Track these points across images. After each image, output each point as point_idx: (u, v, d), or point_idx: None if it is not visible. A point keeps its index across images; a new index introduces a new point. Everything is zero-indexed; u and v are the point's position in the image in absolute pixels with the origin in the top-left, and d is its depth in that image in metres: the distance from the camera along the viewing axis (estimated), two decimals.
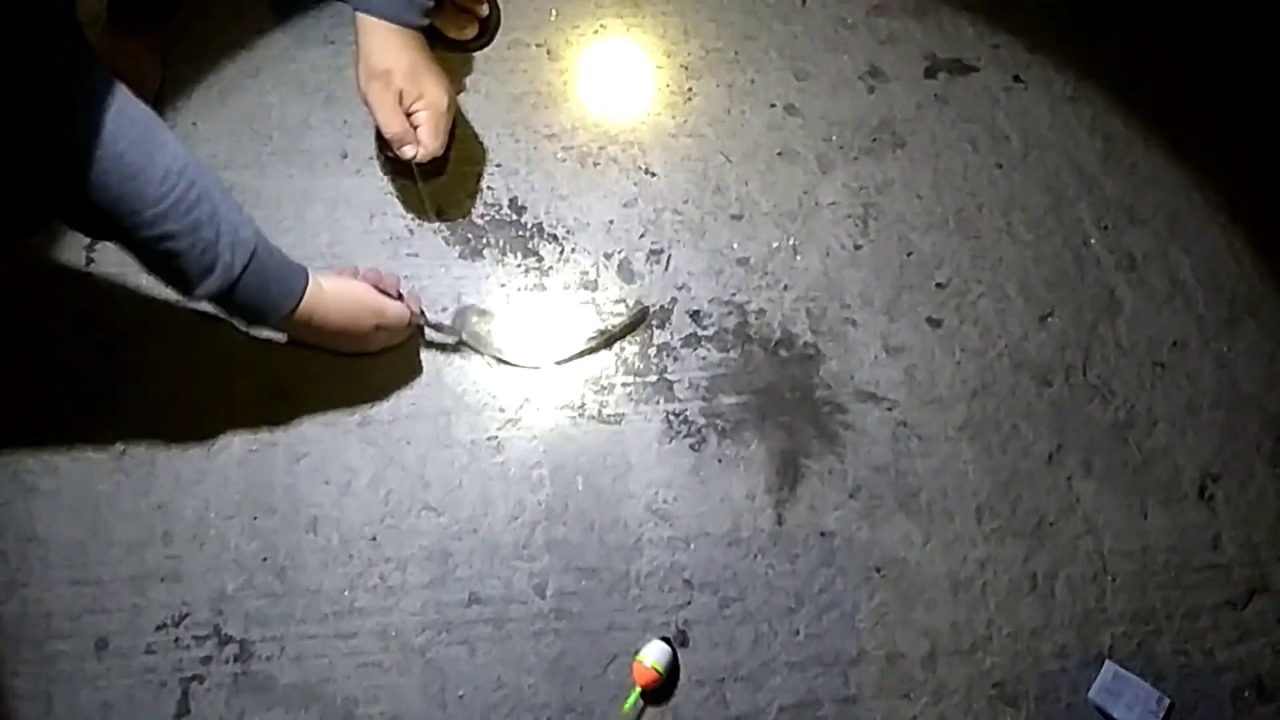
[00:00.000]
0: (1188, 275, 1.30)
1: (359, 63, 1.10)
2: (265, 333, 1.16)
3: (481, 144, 1.31)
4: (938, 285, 1.28)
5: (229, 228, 0.90)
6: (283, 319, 1.01)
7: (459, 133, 1.29)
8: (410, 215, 1.25)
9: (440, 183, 1.27)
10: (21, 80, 0.74)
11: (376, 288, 1.11)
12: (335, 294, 1.06)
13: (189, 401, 1.14)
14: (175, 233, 0.86)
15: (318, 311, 1.03)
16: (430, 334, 1.18)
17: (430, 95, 1.12)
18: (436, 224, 1.25)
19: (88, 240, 1.20)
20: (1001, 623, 1.12)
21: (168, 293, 1.17)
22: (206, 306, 0.99)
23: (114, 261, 1.20)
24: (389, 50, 1.09)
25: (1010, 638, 1.11)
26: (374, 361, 1.16)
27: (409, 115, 1.12)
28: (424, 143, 1.13)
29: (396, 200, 1.26)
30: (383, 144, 1.19)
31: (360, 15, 1.08)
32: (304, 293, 1.01)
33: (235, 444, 1.13)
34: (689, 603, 1.10)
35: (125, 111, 0.83)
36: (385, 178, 1.27)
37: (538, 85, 1.35)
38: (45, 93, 0.77)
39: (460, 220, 1.26)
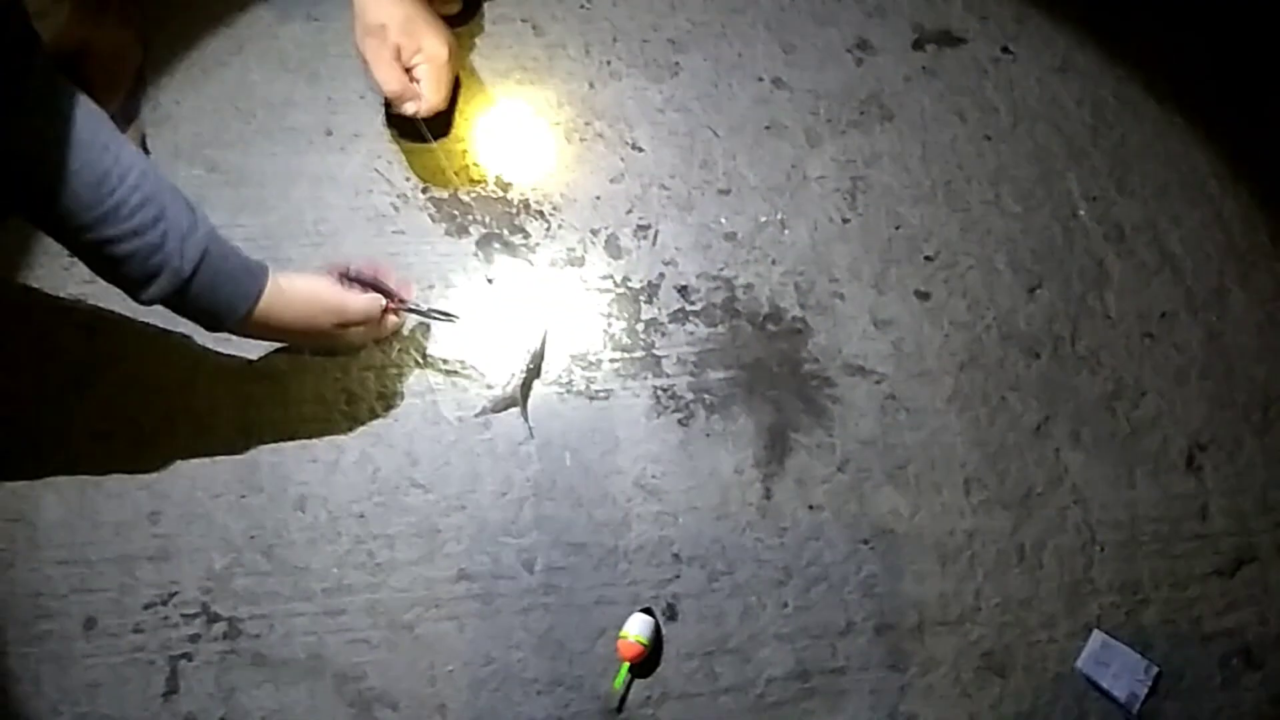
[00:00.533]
0: (1176, 246, 1.30)
1: (354, 20, 1.09)
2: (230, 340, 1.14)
3: (466, 119, 1.30)
4: (926, 258, 1.27)
5: (177, 232, 0.86)
6: (238, 322, 0.95)
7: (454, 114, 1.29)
8: (396, 193, 1.24)
9: (424, 156, 1.26)
10: None
11: (362, 281, 1.06)
12: (294, 293, 0.99)
13: (174, 381, 1.14)
14: (116, 237, 0.82)
15: (274, 313, 0.97)
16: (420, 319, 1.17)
17: (429, 48, 1.10)
18: (422, 201, 1.24)
19: None
20: (989, 593, 1.12)
21: None
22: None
23: None
24: (383, 4, 1.08)
25: (998, 608, 1.12)
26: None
27: (409, 70, 1.11)
28: (426, 97, 1.12)
29: (381, 177, 1.25)
30: (388, 102, 1.17)
31: None
32: (259, 295, 0.95)
33: (222, 423, 1.13)
34: (677, 576, 1.10)
35: (63, 111, 0.80)
36: (371, 151, 1.26)
37: (523, 61, 1.34)
38: None
39: (446, 196, 1.25)
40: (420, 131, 1.18)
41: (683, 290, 1.24)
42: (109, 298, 1.16)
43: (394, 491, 1.12)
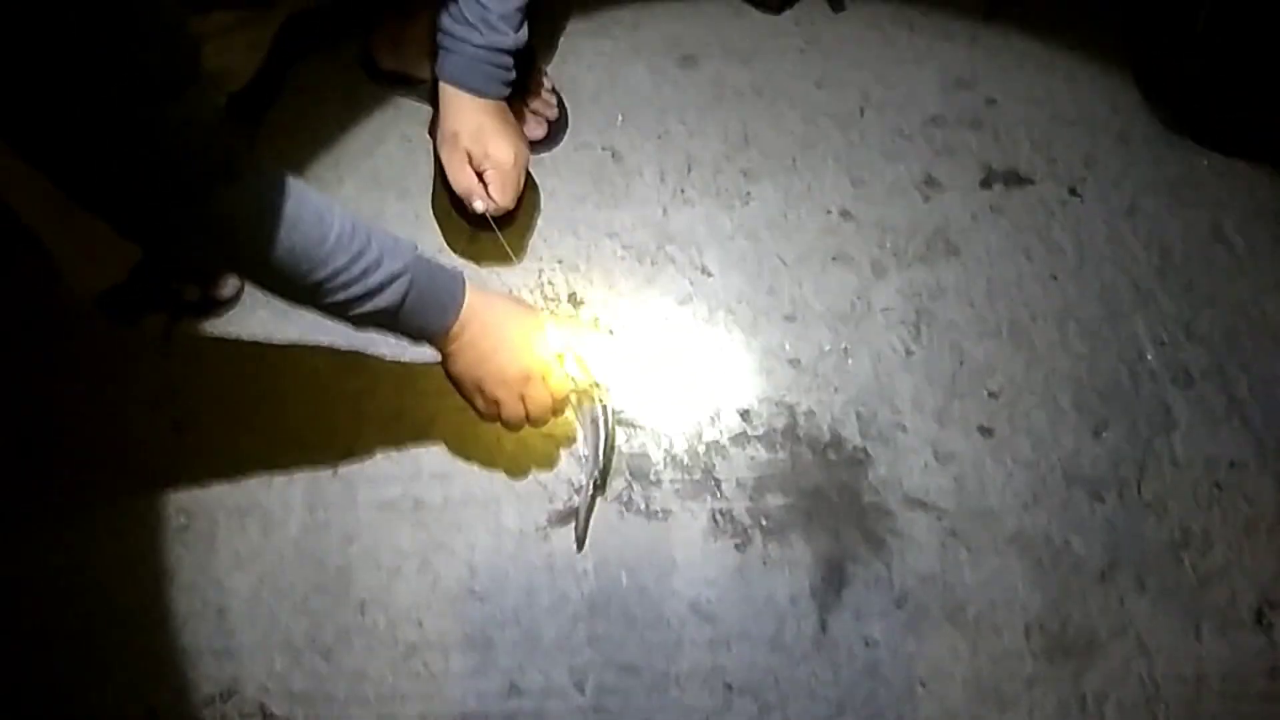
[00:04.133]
0: (1245, 394, 1.29)
1: (439, 126, 1.20)
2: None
3: (544, 239, 1.36)
4: (990, 394, 1.28)
5: (382, 253, 0.93)
6: (445, 331, 1.02)
7: (531, 222, 1.36)
8: None
9: (505, 272, 1.32)
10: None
11: None
12: (497, 300, 1.08)
13: (249, 480, 1.18)
14: (334, 274, 0.89)
15: (479, 319, 1.03)
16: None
17: (495, 154, 1.18)
18: None
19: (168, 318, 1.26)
20: None
21: (238, 372, 1.23)
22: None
23: (189, 340, 1.25)
24: (459, 114, 1.18)
25: None
26: (430, 446, 1.19)
27: (480, 173, 1.20)
28: (493, 197, 1.20)
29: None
30: (458, 202, 1.25)
31: (441, 83, 1.18)
32: (463, 294, 1.02)
33: (292, 523, 1.16)
34: (729, 707, 1.10)
35: (274, 181, 0.88)
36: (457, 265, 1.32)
37: (601, 186, 1.41)
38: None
39: None
40: (497, 237, 1.24)
41: (744, 414, 1.26)
42: (193, 394, 1.22)
43: (452, 601, 1.14)
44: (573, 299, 1.32)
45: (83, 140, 0.71)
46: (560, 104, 1.44)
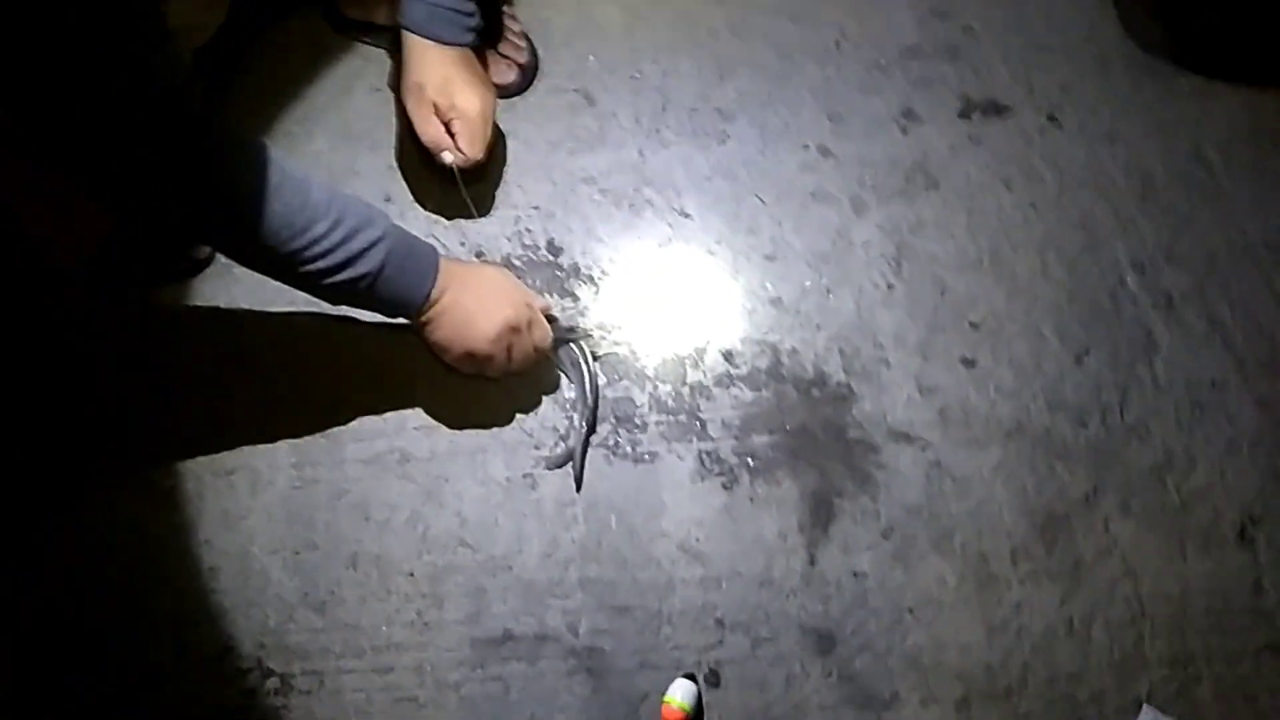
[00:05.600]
0: (1226, 315, 1.29)
1: (402, 77, 1.18)
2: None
3: (520, 187, 1.34)
4: (971, 325, 1.28)
5: (359, 226, 0.93)
6: (424, 304, 1.03)
7: (499, 174, 1.34)
8: (450, 257, 1.28)
9: (482, 221, 1.31)
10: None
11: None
12: (475, 268, 1.11)
13: (233, 441, 1.18)
14: (310, 245, 0.89)
15: (457, 289, 1.05)
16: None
17: (462, 105, 1.17)
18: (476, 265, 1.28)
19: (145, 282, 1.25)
20: (1037, 666, 1.11)
21: (219, 337, 1.22)
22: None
23: (168, 305, 1.24)
24: (424, 64, 1.17)
25: (1046, 682, 1.10)
26: (413, 400, 1.19)
27: (448, 124, 1.19)
28: (462, 149, 1.19)
29: (438, 242, 1.29)
30: (427, 155, 1.24)
31: (404, 31, 1.16)
32: (437, 269, 1.03)
33: (279, 481, 1.16)
34: (721, 642, 1.11)
35: (252, 152, 0.89)
36: (430, 217, 1.31)
37: (575, 130, 1.39)
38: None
39: (498, 260, 1.29)
40: (460, 193, 1.23)
41: (728, 355, 1.26)
42: (174, 356, 1.21)
43: (443, 551, 1.14)
44: (551, 246, 1.31)
45: (61, 104, 0.71)
46: (530, 47, 1.42)
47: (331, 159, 1.34)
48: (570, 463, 1.18)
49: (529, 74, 1.41)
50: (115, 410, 1.19)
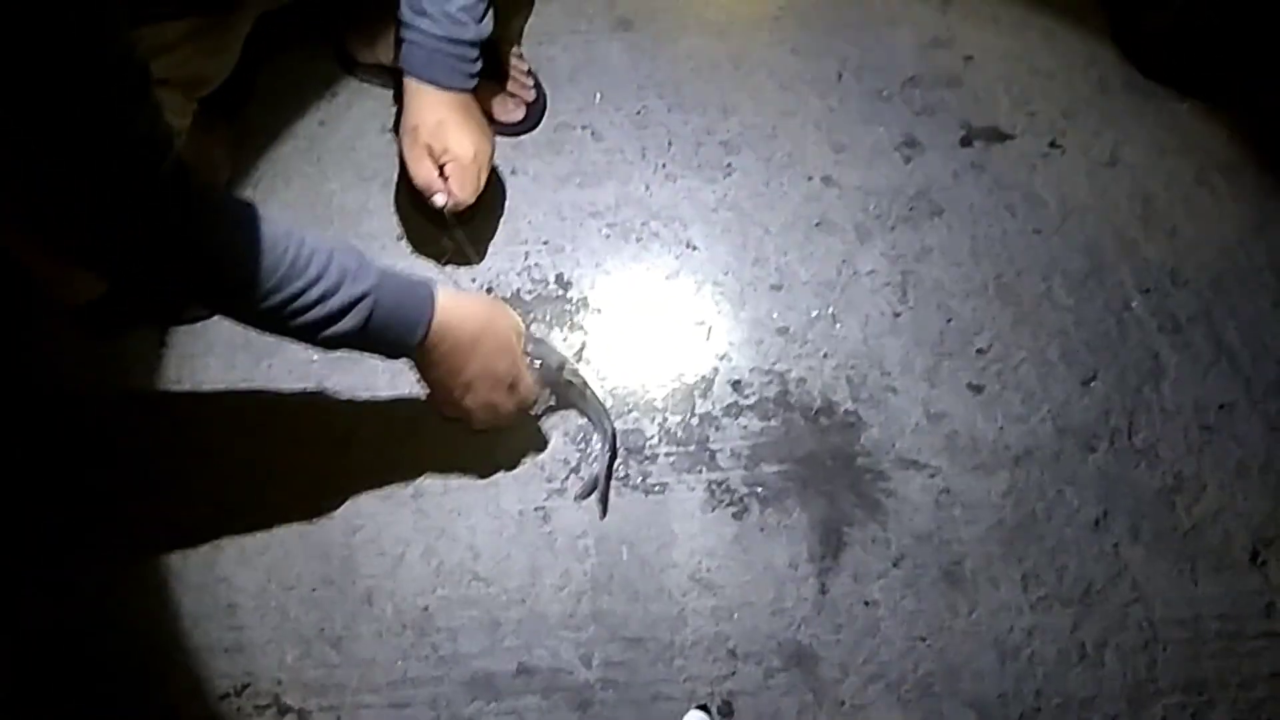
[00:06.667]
0: (1233, 337, 1.30)
1: (401, 119, 1.18)
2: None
3: (529, 223, 1.36)
4: (978, 351, 1.29)
5: (348, 270, 0.91)
6: (420, 344, 0.99)
7: (497, 218, 1.37)
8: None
9: (490, 258, 1.33)
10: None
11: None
12: (469, 300, 1.06)
13: (249, 478, 1.19)
14: (298, 293, 0.87)
15: (454, 326, 1.00)
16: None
17: (454, 149, 1.17)
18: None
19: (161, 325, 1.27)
20: (1050, 693, 1.11)
21: (233, 375, 1.25)
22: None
23: (183, 343, 1.27)
24: (420, 107, 1.16)
25: (1059, 709, 1.10)
26: (426, 434, 1.20)
27: (442, 168, 1.19)
28: (454, 192, 1.19)
29: (449, 279, 1.31)
30: (418, 194, 1.23)
31: (404, 75, 1.17)
32: (433, 306, 0.98)
33: (295, 517, 1.18)
34: (733, 673, 1.11)
35: (238, 215, 0.87)
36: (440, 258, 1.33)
37: (583, 166, 1.41)
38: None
39: (508, 297, 1.31)
40: (452, 236, 1.25)
41: (736, 384, 1.27)
42: (193, 396, 1.23)
43: (456, 585, 1.15)
44: (560, 280, 1.33)
45: (42, 170, 0.70)
46: (538, 86, 1.44)
47: (344, 199, 1.37)
48: (595, 490, 1.19)
49: (537, 112, 1.44)
50: (130, 448, 1.21)
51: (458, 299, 1.02)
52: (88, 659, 1.12)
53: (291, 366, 1.25)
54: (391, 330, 0.96)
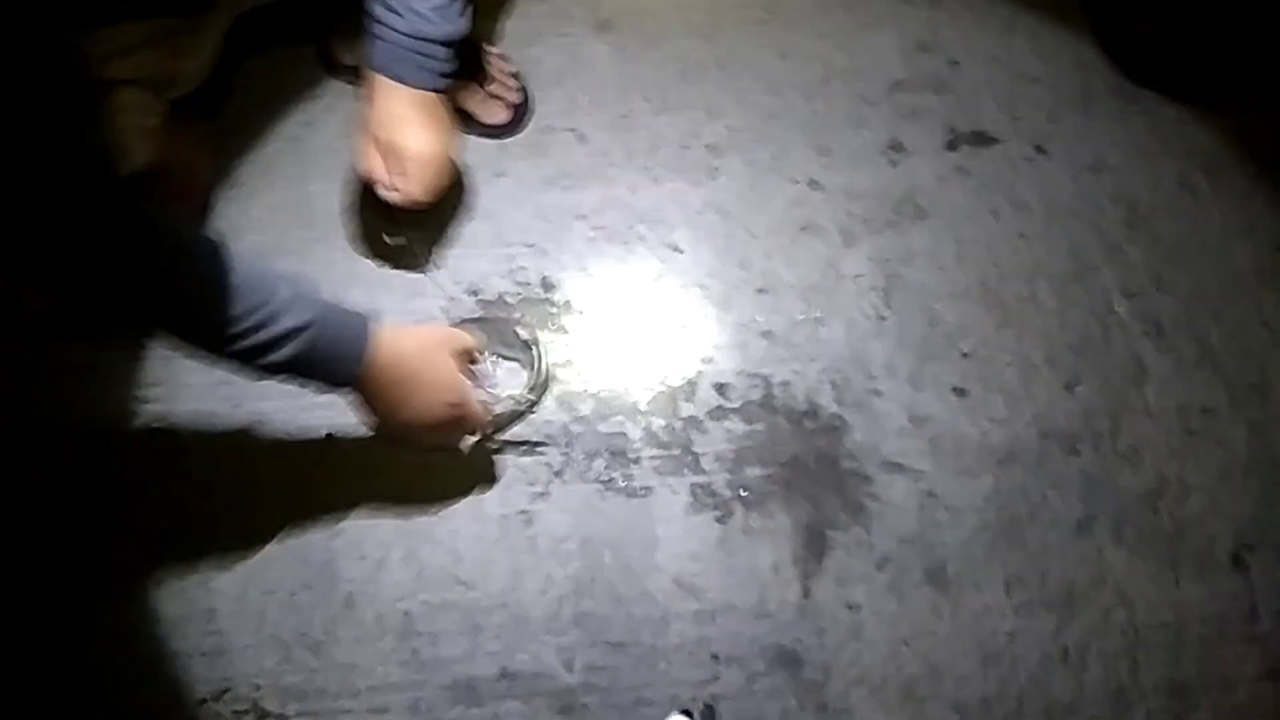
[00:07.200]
0: (1216, 341, 1.30)
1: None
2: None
3: (513, 225, 1.36)
4: (963, 355, 1.29)
5: (287, 300, 0.89)
6: (359, 375, 0.97)
7: (493, 212, 1.36)
8: (446, 296, 1.30)
9: (474, 261, 1.32)
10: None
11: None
12: (411, 332, 1.04)
13: (230, 481, 1.19)
14: (242, 327, 0.86)
15: (395, 354, 0.99)
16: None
17: (409, 145, 1.15)
18: (470, 304, 1.29)
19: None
20: (1033, 697, 1.11)
21: (212, 379, 1.23)
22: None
23: (163, 345, 1.26)
24: (381, 103, 1.14)
25: (1042, 712, 1.10)
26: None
27: (389, 161, 1.16)
28: (404, 188, 1.17)
29: (430, 281, 1.30)
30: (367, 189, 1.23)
31: (371, 70, 1.14)
32: (370, 335, 0.97)
33: (275, 522, 1.17)
34: (716, 677, 1.11)
35: (195, 250, 0.86)
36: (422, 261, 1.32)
37: (567, 168, 1.41)
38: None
39: (493, 299, 1.31)
40: (394, 233, 1.25)
41: (720, 388, 1.27)
42: (171, 399, 1.23)
43: (437, 589, 1.15)
44: (544, 283, 1.32)
45: None
46: (522, 88, 1.44)
47: (328, 201, 1.36)
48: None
49: (521, 114, 1.43)
50: (110, 449, 1.20)
51: (396, 333, 0.99)
52: (65, 665, 1.11)
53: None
54: (329, 362, 0.94)
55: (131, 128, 1.03)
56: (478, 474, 1.20)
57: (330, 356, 0.94)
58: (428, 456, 1.17)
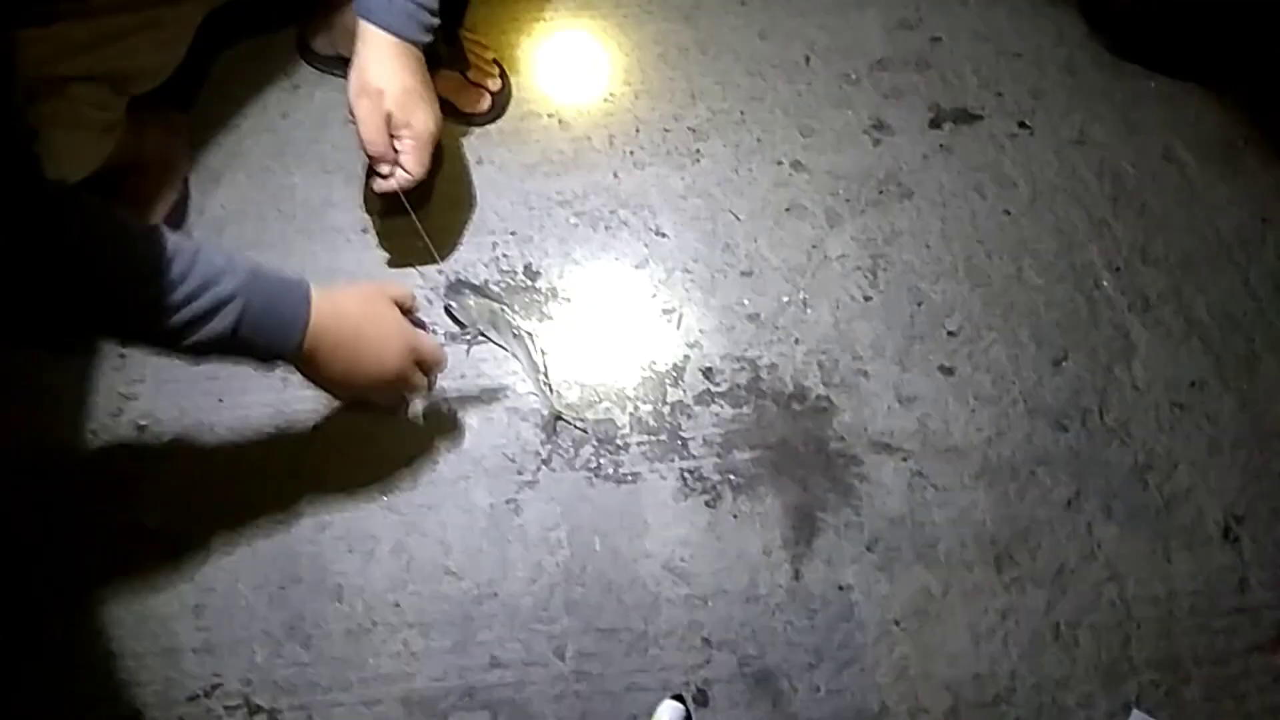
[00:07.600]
0: (1203, 314, 1.30)
1: (353, 73, 1.11)
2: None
3: (496, 213, 1.35)
4: (949, 333, 1.29)
5: (213, 274, 0.86)
6: (298, 345, 0.93)
7: (475, 199, 1.36)
8: (429, 286, 1.29)
9: (457, 249, 1.31)
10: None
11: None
12: (347, 293, 1.02)
13: (217, 477, 1.18)
14: (167, 306, 0.83)
15: (332, 322, 0.96)
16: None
17: (417, 124, 1.13)
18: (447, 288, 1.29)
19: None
20: (1025, 673, 1.11)
21: (196, 373, 1.23)
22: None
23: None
24: (386, 68, 1.10)
25: (1034, 689, 1.10)
26: (394, 430, 1.19)
27: (395, 138, 1.14)
28: (406, 168, 1.15)
29: (414, 270, 1.30)
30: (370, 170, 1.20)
31: (362, 23, 1.09)
32: (309, 301, 0.94)
33: (262, 517, 1.17)
34: (708, 661, 1.11)
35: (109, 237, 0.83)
36: (405, 250, 1.31)
37: (549, 154, 1.40)
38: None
39: (477, 285, 1.29)
40: (401, 200, 1.20)
41: (707, 372, 1.26)
42: (156, 396, 1.22)
43: (428, 580, 1.14)
44: (528, 270, 1.32)
45: None
46: (503, 74, 1.43)
47: (308, 192, 1.35)
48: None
49: (502, 101, 1.42)
50: (97, 449, 1.20)
51: (332, 293, 0.97)
52: (54, 663, 1.10)
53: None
54: (265, 334, 0.91)
55: (86, 121, 1.01)
56: (465, 462, 1.20)
57: (273, 322, 0.91)
58: (395, 417, 1.14)
